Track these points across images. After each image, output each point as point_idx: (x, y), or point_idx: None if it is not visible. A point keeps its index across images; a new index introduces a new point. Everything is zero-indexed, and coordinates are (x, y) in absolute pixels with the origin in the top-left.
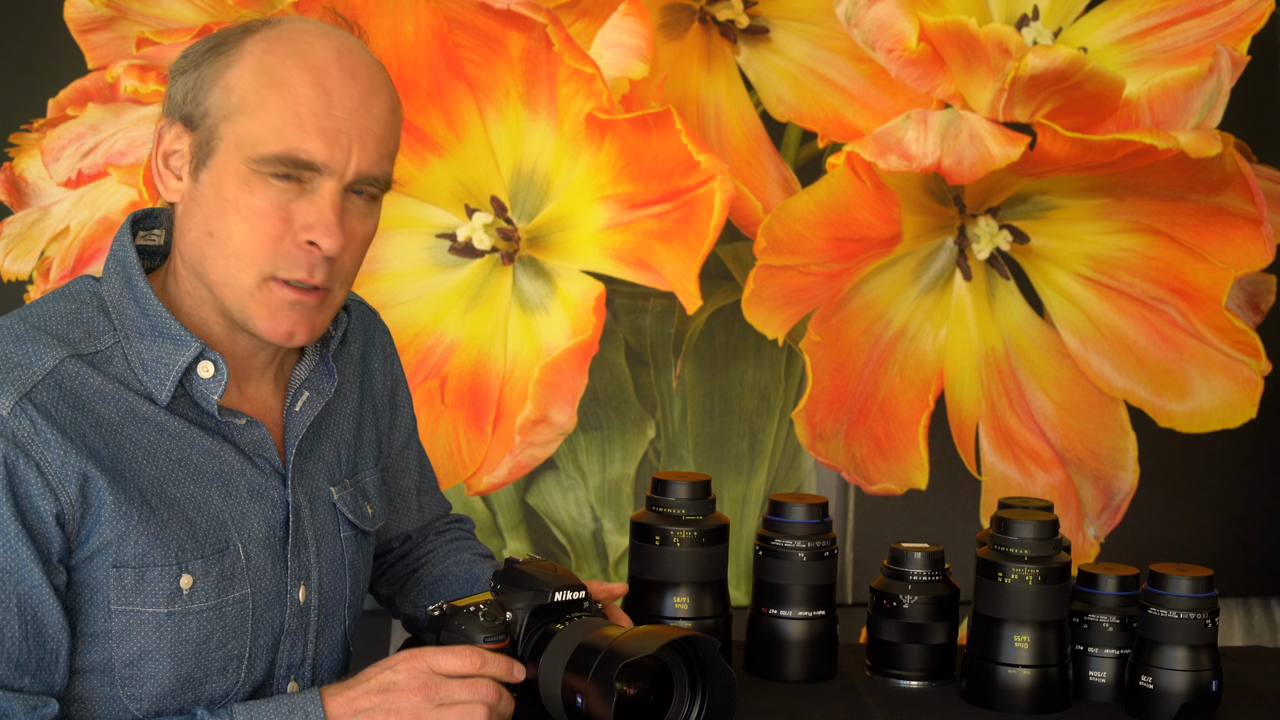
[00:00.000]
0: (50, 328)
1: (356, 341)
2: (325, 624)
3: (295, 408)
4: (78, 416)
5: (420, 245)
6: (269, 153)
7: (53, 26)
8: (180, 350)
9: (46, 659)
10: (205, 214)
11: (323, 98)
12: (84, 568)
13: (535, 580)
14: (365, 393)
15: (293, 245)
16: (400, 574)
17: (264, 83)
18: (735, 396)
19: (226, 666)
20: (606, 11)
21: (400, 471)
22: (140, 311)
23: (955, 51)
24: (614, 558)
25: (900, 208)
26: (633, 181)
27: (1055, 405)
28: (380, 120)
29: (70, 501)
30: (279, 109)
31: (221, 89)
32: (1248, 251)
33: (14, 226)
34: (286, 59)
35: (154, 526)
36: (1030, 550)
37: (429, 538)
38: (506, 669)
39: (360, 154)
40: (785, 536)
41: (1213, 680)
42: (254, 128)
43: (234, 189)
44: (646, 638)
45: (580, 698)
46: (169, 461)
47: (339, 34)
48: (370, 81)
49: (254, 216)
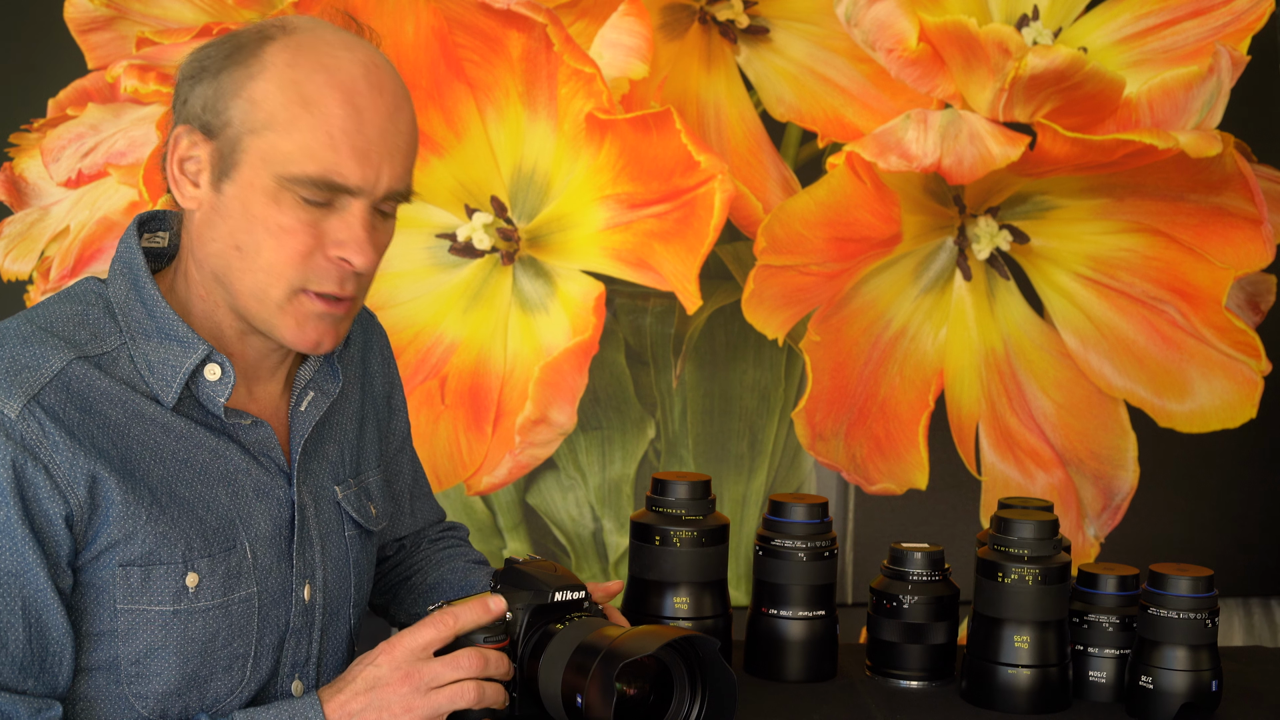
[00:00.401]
0: (57, 329)
1: (356, 343)
2: (330, 623)
3: (301, 408)
4: (85, 418)
5: (420, 245)
6: (302, 174)
7: (53, 26)
8: (187, 352)
9: (50, 662)
10: (230, 227)
11: (354, 117)
12: (90, 567)
13: (535, 580)
14: (366, 394)
15: (323, 260)
16: (392, 582)
17: (293, 99)
18: (735, 396)
19: (232, 665)
20: (606, 11)
21: (395, 475)
22: (147, 313)
23: (955, 51)
24: (614, 558)
25: (900, 208)
26: (633, 181)
27: (1055, 405)
28: (406, 135)
29: (79, 503)
30: (311, 129)
31: (246, 101)
32: (1248, 251)
33: (14, 226)
34: (314, 74)
35: (162, 525)
36: (1030, 550)
37: (421, 545)
38: (481, 609)
39: (390, 172)
40: (785, 536)
41: (1213, 680)
42: (284, 145)
43: (261, 205)
44: (647, 637)
45: (580, 697)
46: (176, 462)
47: (360, 45)
48: (396, 97)
49: (283, 234)
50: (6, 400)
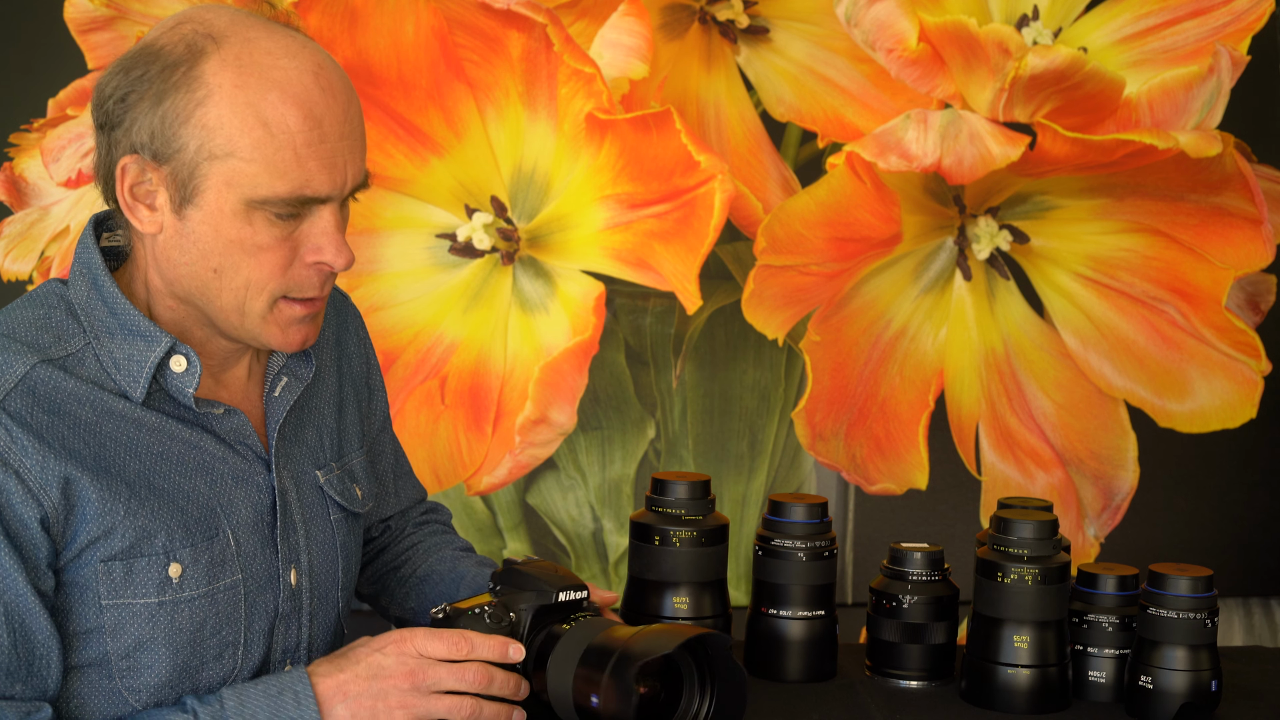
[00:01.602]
0: (19, 335)
1: (330, 326)
2: (318, 607)
3: (274, 394)
4: (54, 420)
5: (420, 245)
6: (273, 195)
7: (53, 26)
8: (151, 346)
9: (37, 665)
10: (202, 250)
11: (315, 129)
12: (72, 567)
13: (537, 581)
14: (344, 376)
15: (302, 268)
16: (380, 571)
17: (251, 123)
18: (735, 396)
19: (222, 653)
20: (606, 11)
21: (378, 455)
22: (109, 311)
23: (955, 51)
24: (614, 558)
25: (900, 208)
26: (633, 181)
27: (1055, 405)
28: (359, 126)
29: (53, 505)
30: (275, 149)
31: (199, 128)
32: (1248, 251)
33: (14, 226)
34: (267, 93)
35: (141, 519)
36: (1030, 550)
37: (406, 531)
38: (500, 650)
39: (354, 168)
40: (785, 536)
41: (1212, 680)
42: (249, 170)
43: (233, 228)
44: (662, 636)
45: (595, 698)
46: (151, 455)
47: (299, 46)
48: (345, 93)
49: (260, 252)
50: None
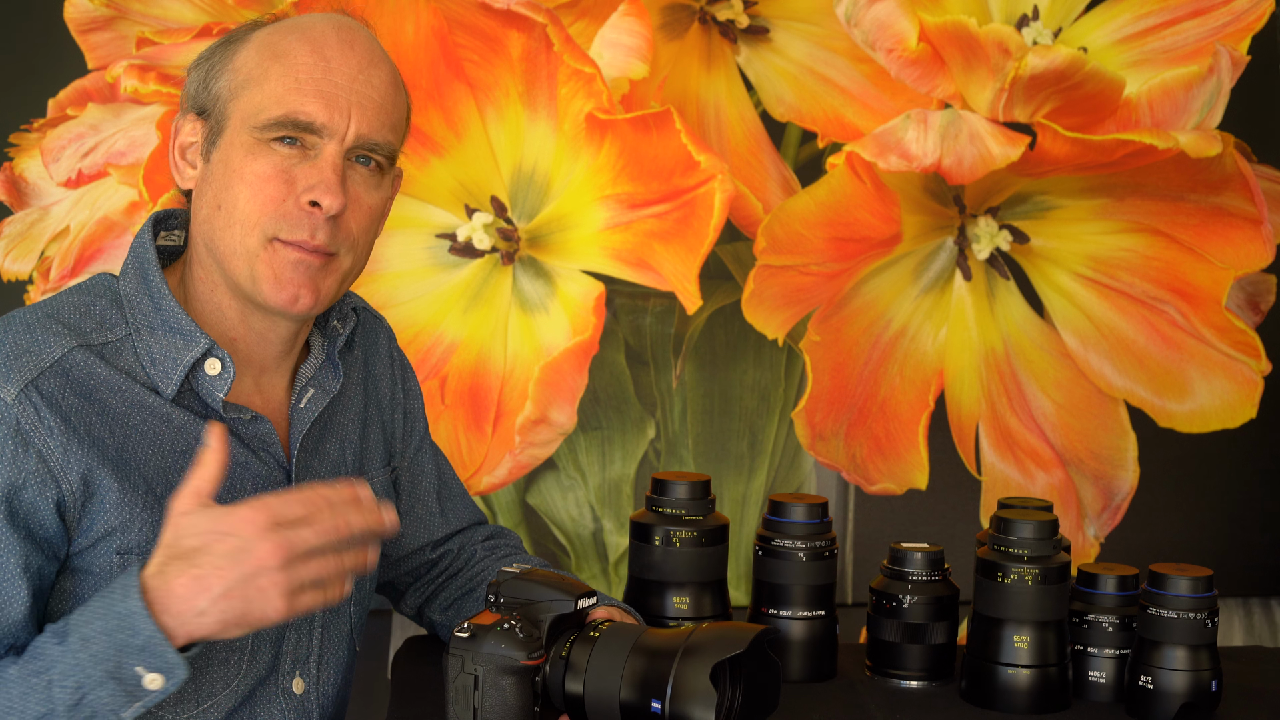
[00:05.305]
0: (62, 317)
1: (360, 345)
2: (330, 620)
3: (300, 404)
4: (84, 405)
5: (420, 245)
6: (270, 118)
7: (53, 26)
8: (189, 345)
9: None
10: (215, 189)
11: (321, 65)
12: (87, 554)
13: (547, 590)
14: (370, 396)
15: (294, 207)
16: (454, 596)
17: (266, 57)
18: (735, 396)
19: (228, 657)
20: (606, 11)
21: (417, 477)
22: (153, 305)
23: (955, 51)
24: (614, 558)
25: (900, 208)
26: (633, 181)
27: (1055, 405)
28: (380, 90)
29: (71, 490)
30: (279, 77)
31: (229, 72)
32: (1248, 251)
33: (14, 226)
34: (289, 35)
35: (159, 514)
36: (1030, 550)
37: (477, 555)
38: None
39: (360, 117)
40: (785, 536)
41: (1212, 680)
42: (257, 98)
43: (240, 159)
44: (731, 631)
45: (658, 703)
46: (174, 452)
47: (344, 17)
48: (370, 55)
49: (257, 181)
50: (4, 384)
